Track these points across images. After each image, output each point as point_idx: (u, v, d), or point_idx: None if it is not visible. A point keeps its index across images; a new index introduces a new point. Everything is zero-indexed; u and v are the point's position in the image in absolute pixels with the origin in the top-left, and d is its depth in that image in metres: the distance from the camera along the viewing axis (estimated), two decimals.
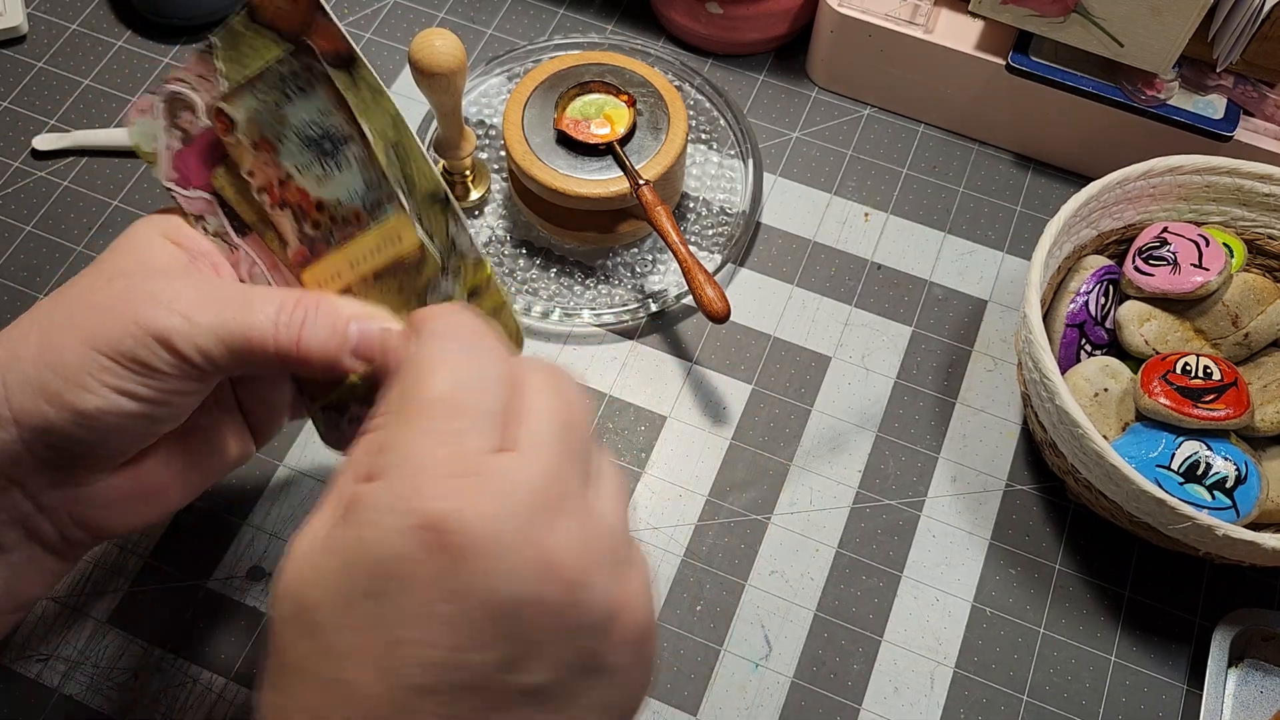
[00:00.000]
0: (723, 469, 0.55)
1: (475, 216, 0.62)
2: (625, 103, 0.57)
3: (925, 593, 0.52)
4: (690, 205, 0.62)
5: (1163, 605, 0.52)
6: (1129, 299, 0.55)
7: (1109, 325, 0.54)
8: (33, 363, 0.33)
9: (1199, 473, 0.48)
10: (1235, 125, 0.57)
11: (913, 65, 0.62)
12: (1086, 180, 0.61)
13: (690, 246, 0.59)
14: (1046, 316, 0.54)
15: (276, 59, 0.34)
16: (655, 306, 0.58)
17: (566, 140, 0.56)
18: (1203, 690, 0.48)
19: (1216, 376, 0.50)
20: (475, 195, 0.61)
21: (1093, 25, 0.55)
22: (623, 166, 0.55)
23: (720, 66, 0.68)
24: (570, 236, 0.59)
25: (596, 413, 0.56)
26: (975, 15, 0.58)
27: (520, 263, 0.60)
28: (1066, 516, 0.54)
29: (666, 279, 0.60)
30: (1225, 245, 0.55)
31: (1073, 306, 0.53)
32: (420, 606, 0.26)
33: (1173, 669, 0.50)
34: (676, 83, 0.65)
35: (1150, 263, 0.53)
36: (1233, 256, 0.54)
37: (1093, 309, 0.53)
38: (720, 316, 0.52)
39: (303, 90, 0.34)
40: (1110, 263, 0.55)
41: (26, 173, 0.63)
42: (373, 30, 0.69)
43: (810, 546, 0.53)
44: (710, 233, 0.61)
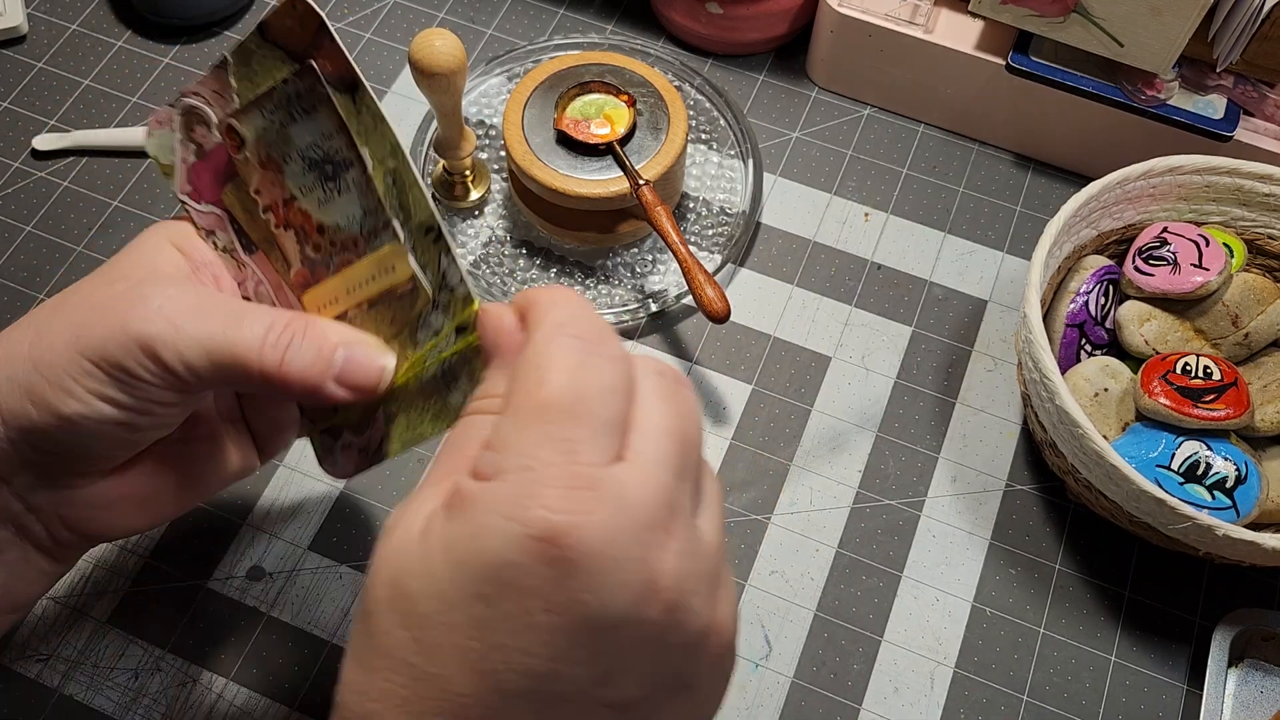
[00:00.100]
0: (723, 469, 0.55)
1: (475, 216, 0.62)
2: (625, 103, 0.57)
3: (925, 593, 0.52)
4: (690, 205, 0.62)
5: (1163, 605, 0.52)
6: (1129, 299, 0.55)
7: (1109, 325, 0.54)
8: (23, 362, 0.33)
9: (1199, 473, 0.48)
10: (1235, 125, 0.57)
11: (913, 65, 0.62)
12: (1086, 180, 0.61)
13: (690, 246, 0.59)
14: (1046, 316, 0.54)
15: (283, 79, 0.34)
16: (655, 306, 0.58)
17: (566, 140, 0.56)
18: (1203, 690, 0.48)
19: (1216, 376, 0.50)
20: (475, 195, 0.61)
21: (1093, 25, 0.55)
22: (623, 166, 0.55)
23: (720, 66, 0.68)
24: (570, 236, 0.59)
25: None
26: (975, 15, 0.58)
27: (520, 263, 0.60)
28: (1066, 516, 0.54)
29: (666, 279, 0.60)
30: (1225, 245, 0.55)
31: (1073, 306, 0.53)
32: (525, 615, 0.26)
33: (1173, 669, 0.50)
34: (676, 83, 0.65)
35: (1150, 263, 0.53)
36: (1233, 256, 0.54)
37: (1093, 309, 0.53)
38: (720, 316, 0.52)
39: (307, 112, 0.34)
40: (1110, 263, 0.55)
41: (26, 173, 0.63)
42: (373, 30, 0.69)
43: (810, 546, 0.53)
44: (710, 233, 0.61)
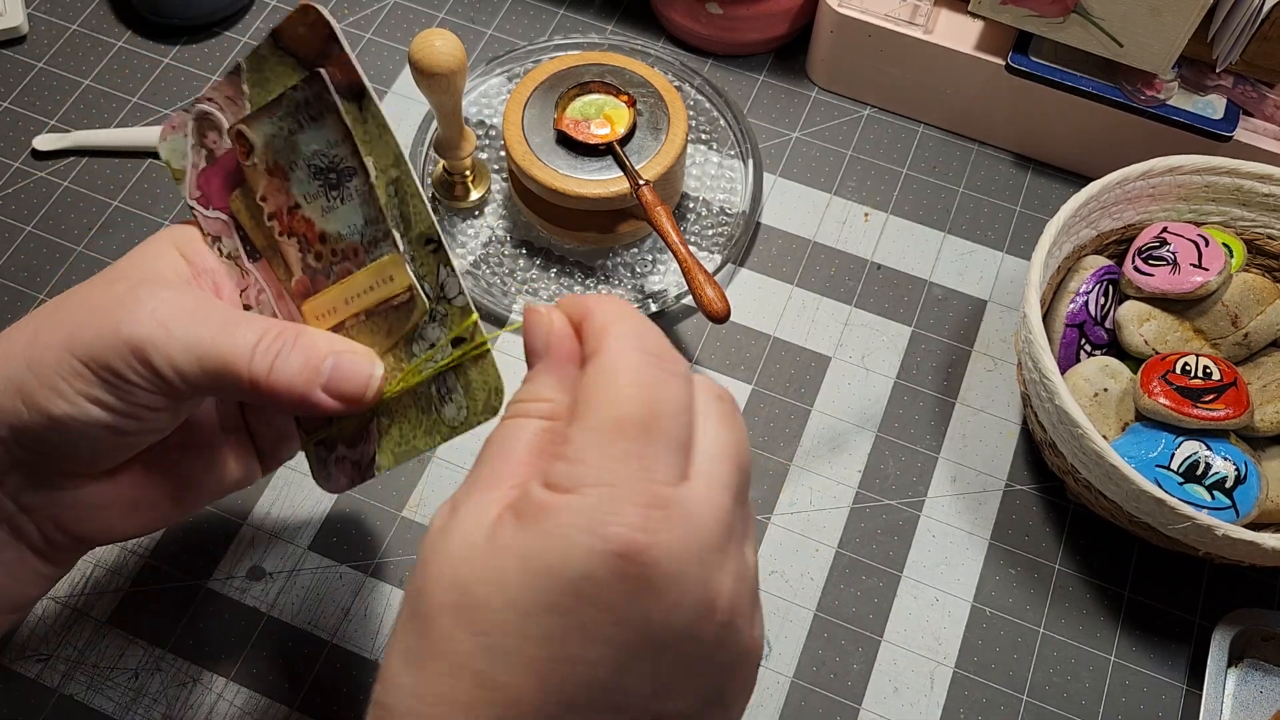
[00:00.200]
0: None
1: (475, 216, 0.62)
2: (625, 103, 0.57)
3: (925, 593, 0.52)
4: (690, 205, 0.62)
5: (1162, 605, 0.52)
6: (1129, 299, 0.55)
7: (1109, 325, 0.54)
8: (18, 360, 0.33)
9: (1199, 473, 0.48)
10: (1235, 125, 0.57)
11: (913, 65, 0.63)
12: (1086, 180, 0.61)
13: (690, 246, 0.59)
14: (1046, 316, 0.54)
15: (292, 85, 0.34)
16: (655, 306, 0.58)
17: (566, 140, 0.56)
18: (1202, 690, 0.48)
19: (1216, 376, 0.50)
20: (475, 195, 0.61)
21: (1092, 25, 0.55)
22: (623, 166, 0.55)
23: (720, 66, 0.68)
24: (570, 236, 0.59)
25: None
26: (975, 15, 0.58)
27: (520, 263, 0.60)
28: (1066, 516, 0.54)
29: (666, 279, 0.60)
30: (1225, 245, 0.55)
31: (1072, 306, 0.53)
32: (595, 629, 0.26)
33: (1172, 669, 0.50)
34: (676, 83, 0.65)
35: (1150, 263, 0.53)
36: (1232, 256, 0.54)
37: (1092, 309, 0.53)
38: (720, 316, 0.52)
39: (314, 119, 0.34)
40: (1110, 263, 0.55)
41: (26, 173, 0.63)
42: (373, 30, 0.69)
43: (810, 546, 0.53)
44: (710, 233, 0.61)
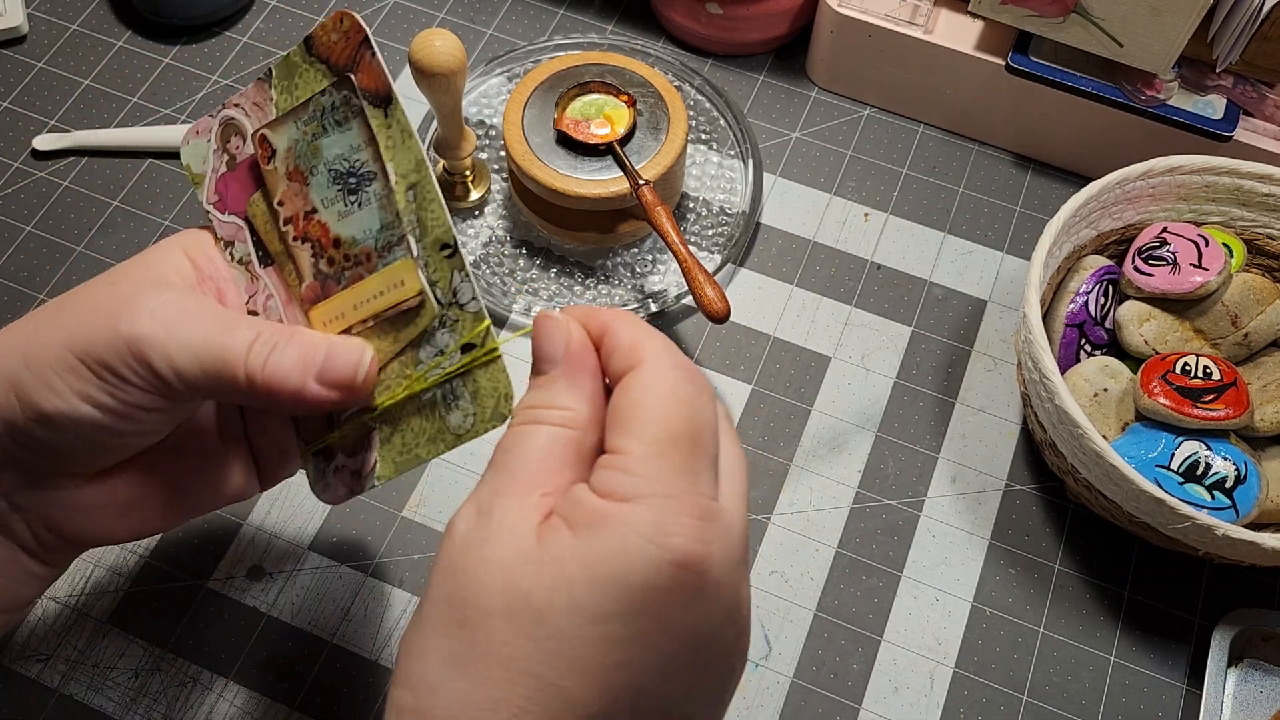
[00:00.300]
0: None
1: (475, 216, 0.62)
2: (625, 103, 0.57)
3: (925, 592, 0.52)
4: (690, 205, 0.62)
5: (1162, 605, 0.52)
6: (1129, 299, 0.55)
7: (1109, 325, 0.54)
8: (16, 356, 0.33)
9: (1199, 473, 0.48)
10: (1235, 125, 0.57)
11: (913, 65, 0.63)
12: (1086, 180, 0.61)
13: (690, 246, 0.59)
14: (1046, 316, 0.54)
15: (321, 90, 0.34)
16: (655, 306, 0.58)
17: (566, 140, 0.56)
18: (1202, 690, 0.48)
19: (1216, 376, 0.50)
20: (475, 195, 0.61)
21: (1092, 25, 0.55)
22: (623, 166, 0.55)
23: (720, 66, 0.68)
24: (570, 236, 0.59)
25: None
26: (975, 15, 0.58)
27: (520, 263, 0.60)
28: (1066, 516, 0.54)
29: (666, 279, 0.60)
30: (1225, 245, 0.55)
31: (1072, 306, 0.53)
32: (652, 635, 0.28)
33: (1172, 669, 0.50)
34: (676, 83, 0.65)
35: (1150, 263, 0.53)
36: (1232, 256, 0.54)
37: (1092, 309, 0.53)
38: (720, 316, 0.52)
39: (339, 124, 0.34)
40: (1110, 263, 0.55)
41: (26, 173, 0.63)
42: (373, 30, 0.69)
43: (810, 546, 0.53)
44: (710, 233, 0.61)
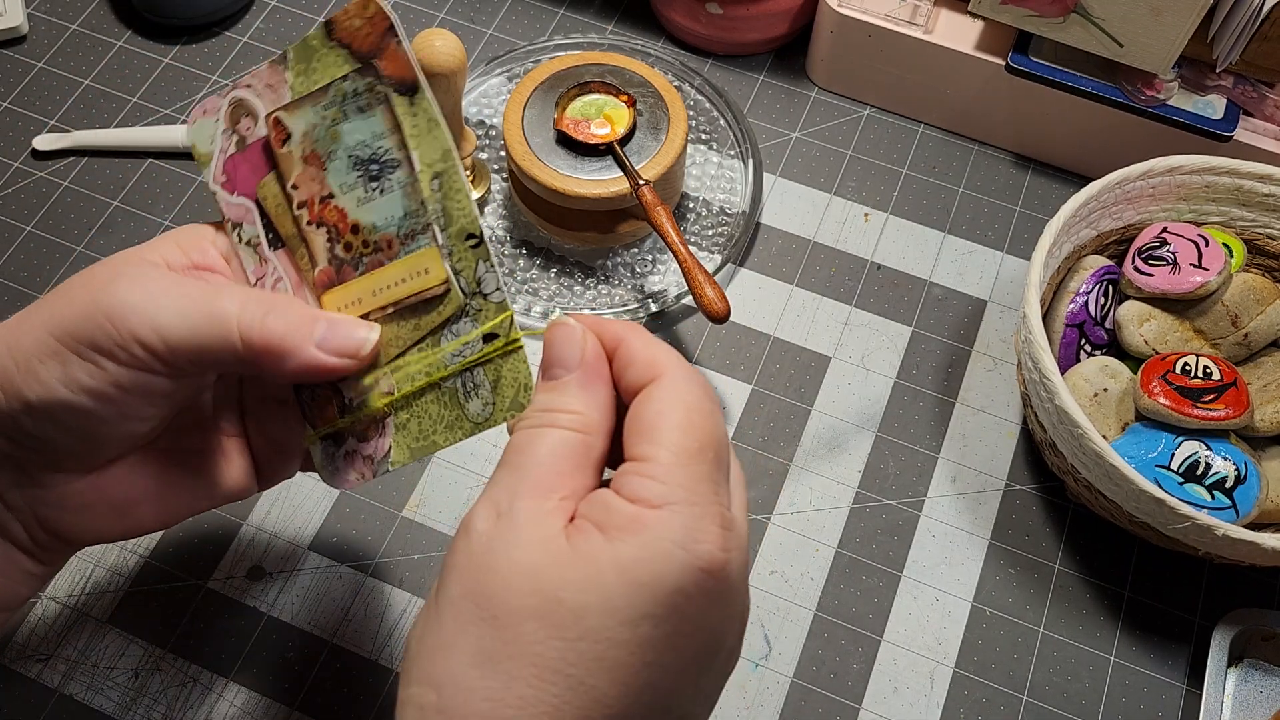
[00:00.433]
0: None
1: None
2: (625, 103, 0.57)
3: (925, 592, 0.52)
4: (690, 205, 0.62)
5: (1162, 605, 0.52)
6: (1129, 299, 0.55)
7: (1109, 325, 0.54)
8: (3, 346, 0.33)
9: (1198, 473, 0.48)
10: (1235, 125, 0.57)
11: (913, 65, 0.63)
12: (1086, 180, 0.61)
13: (690, 246, 0.59)
14: (1046, 316, 0.54)
15: (343, 76, 0.34)
16: (655, 306, 0.58)
17: (566, 140, 0.56)
18: (1202, 690, 0.48)
19: (1216, 376, 0.50)
20: (475, 195, 0.61)
21: (1092, 25, 0.55)
22: (623, 166, 0.55)
23: (720, 66, 0.68)
24: (570, 236, 0.59)
25: None
26: (975, 15, 0.58)
27: (520, 263, 0.60)
28: (1066, 516, 0.54)
29: (666, 279, 0.60)
30: (1225, 245, 0.55)
31: (1072, 306, 0.53)
32: (678, 637, 0.28)
33: (1172, 669, 0.50)
34: (676, 83, 0.65)
35: (1150, 263, 0.53)
36: (1232, 256, 0.54)
37: (1092, 309, 0.53)
38: (720, 316, 0.52)
39: (362, 111, 0.34)
40: (1110, 263, 0.55)
41: (26, 173, 0.63)
42: None
43: (810, 546, 0.53)
44: (710, 233, 0.61)
